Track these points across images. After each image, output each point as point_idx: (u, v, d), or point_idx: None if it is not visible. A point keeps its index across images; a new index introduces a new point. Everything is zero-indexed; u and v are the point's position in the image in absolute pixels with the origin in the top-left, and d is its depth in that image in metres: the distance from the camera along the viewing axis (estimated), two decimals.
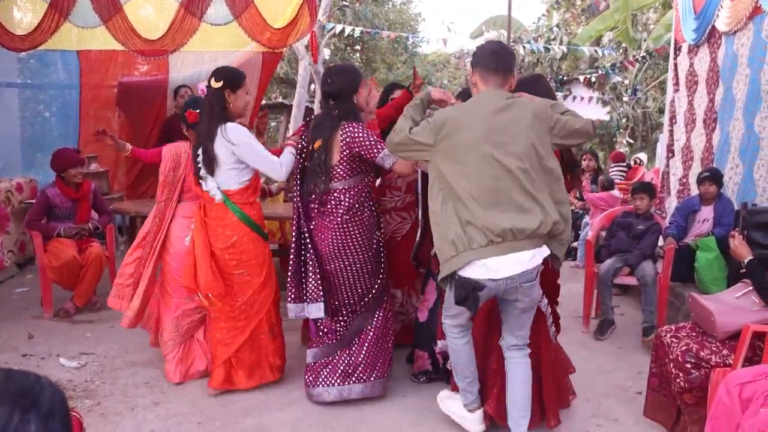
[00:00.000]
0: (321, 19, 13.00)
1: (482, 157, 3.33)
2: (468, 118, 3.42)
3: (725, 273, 5.54)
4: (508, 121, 3.38)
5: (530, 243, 3.35)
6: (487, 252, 3.32)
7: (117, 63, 8.61)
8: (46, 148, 7.82)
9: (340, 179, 4.12)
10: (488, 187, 3.32)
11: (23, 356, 5.19)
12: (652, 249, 6.10)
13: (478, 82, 3.59)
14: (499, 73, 3.53)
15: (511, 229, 3.28)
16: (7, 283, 7.24)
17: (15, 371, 1.09)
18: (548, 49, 17.50)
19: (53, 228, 6.19)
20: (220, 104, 4.20)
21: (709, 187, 6.04)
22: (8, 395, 1.03)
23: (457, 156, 3.38)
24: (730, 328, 3.65)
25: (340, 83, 4.17)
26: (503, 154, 3.32)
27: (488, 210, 3.31)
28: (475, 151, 3.34)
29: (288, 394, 4.54)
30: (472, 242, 3.32)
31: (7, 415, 1.01)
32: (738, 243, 3.88)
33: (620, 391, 4.69)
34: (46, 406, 1.06)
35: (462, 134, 3.39)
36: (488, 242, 3.30)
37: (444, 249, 3.42)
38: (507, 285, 3.39)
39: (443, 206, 3.41)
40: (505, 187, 3.32)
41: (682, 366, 3.62)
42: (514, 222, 3.29)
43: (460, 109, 3.52)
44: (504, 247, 3.32)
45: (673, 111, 8.44)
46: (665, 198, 8.42)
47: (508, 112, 3.41)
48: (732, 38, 6.71)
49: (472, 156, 3.35)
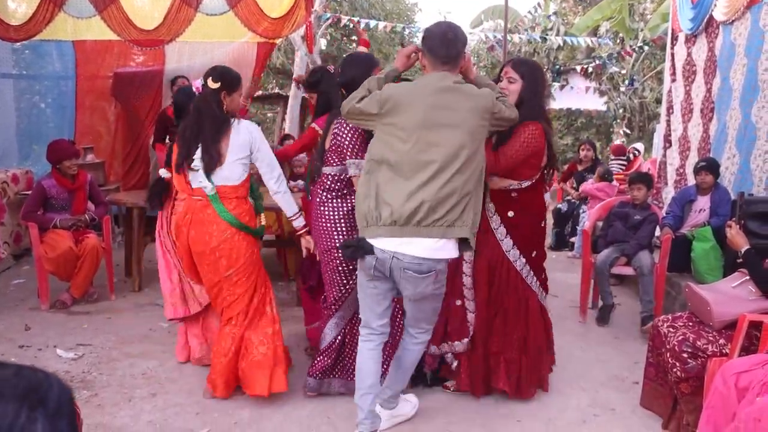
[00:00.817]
0: (317, 8, 12.97)
1: (416, 141, 3.31)
2: (411, 97, 3.36)
3: (721, 263, 5.54)
4: (448, 102, 3.35)
5: (435, 232, 3.31)
6: (390, 231, 3.31)
7: (113, 53, 8.60)
8: (42, 139, 7.80)
9: (330, 165, 4.11)
10: (409, 167, 3.31)
11: (20, 347, 5.18)
12: (649, 239, 6.10)
13: (427, 65, 3.53)
14: (449, 62, 3.47)
15: (417, 213, 3.27)
16: (3, 274, 7.24)
17: (25, 367, 1.08)
18: (545, 39, 17.47)
19: (49, 219, 6.18)
20: (218, 105, 4.14)
21: (705, 177, 6.04)
22: (17, 392, 1.03)
23: (394, 133, 3.36)
24: (727, 317, 3.66)
25: (352, 73, 4.14)
26: (435, 137, 3.31)
27: (402, 188, 3.29)
28: (411, 134, 3.32)
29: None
30: (378, 219, 3.32)
31: (14, 413, 1.00)
32: (735, 233, 3.89)
33: (617, 380, 4.70)
34: (54, 404, 1.05)
35: (402, 115, 3.35)
36: (392, 222, 3.30)
37: (358, 218, 3.44)
38: (392, 263, 3.36)
39: (365, 176, 3.43)
40: (425, 169, 3.29)
41: (679, 355, 3.63)
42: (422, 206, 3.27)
43: (406, 87, 3.46)
44: (406, 231, 3.29)
45: (670, 101, 8.43)
46: (662, 188, 8.42)
47: (451, 95, 3.37)
48: (729, 28, 6.69)
49: (407, 137, 3.32)
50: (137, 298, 6.39)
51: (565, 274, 7.67)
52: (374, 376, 3.72)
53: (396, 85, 3.56)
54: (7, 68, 8.65)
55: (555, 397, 4.40)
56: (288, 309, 5.97)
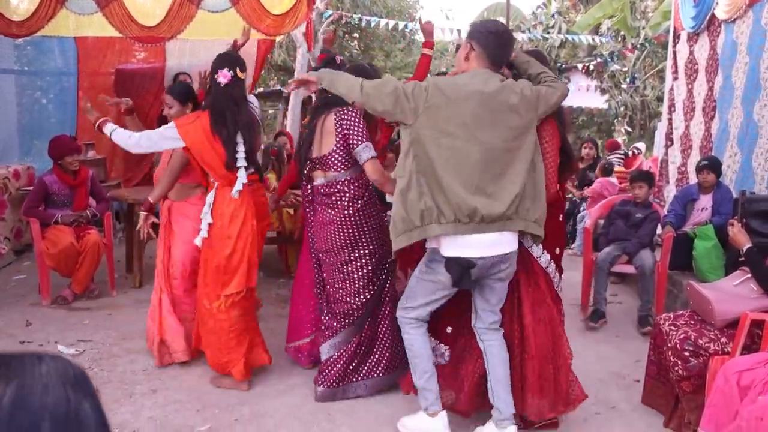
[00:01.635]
0: (319, 6, 12.96)
1: (468, 136, 3.27)
2: (462, 91, 3.32)
3: (723, 261, 5.53)
4: (499, 104, 3.33)
5: (498, 226, 3.31)
6: (454, 229, 3.28)
7: (114, 50, 8.60)
8: (44, 135, 7.79)
9: (342, 169, 4.06)
10: (467, 166, 3.27)
11: (21, 343, 5.18)
12: (651, 237, 6.10)
13: (473, 59, 3.47)
14: (501, 64, 3.51)
15: (480, 212, 3.24)
16: (4, 270, 7.24)
17: (45, 354, 1.06)
18: (546, 39, 17.46)
19: (51, 215, 6.18)
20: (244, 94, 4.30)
21: (707, 175, 6.04)
22: (54, 376, 1.02)
23: (443, 127, 3.29)
24: (729, 315, 3.65)
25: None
26: (488, 137, 3.29)
27: (462, 188, 3.25)
28: (462, 128, 3.28)
29: (285, 380, 4.55)
30: (440, 217, 3.27)
31: (63, 394, 1.00)
32: (737, 231, 3.88)
33: (618, 378, 4.70)
34: (82, 380, 1.05)
35: (451, 107, 3.30)
36: (455, 220, 3.26)
37: (408, 219, 3.33)
38: (493, 261, 3.37)
39: (415, 176, 3.31)
40: (481, 168, 3.28)
41: (681, 354, 3.63)
42: (483, 205, 3.25)
43: (455, 80, 3.42)
44: (470, 228, 3.28)
45: (671, 99, 8.43)
46: (664, 186, 8.42)
47: (501, 95, 3.34)
48: (731, 26, 6.69)
49: (458, 131, 3.28)
50: (138, 294, 6.38)
51: (566, 272, 7.59)
52: (432, 357, 3.74)
53: (441, 78, 3.54)
54: (9, 64, 8.65)
55: None
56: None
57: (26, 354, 1.04)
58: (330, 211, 4.10)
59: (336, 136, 4.00)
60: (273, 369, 4.70)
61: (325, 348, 4.30)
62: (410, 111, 3.32)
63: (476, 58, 3.45)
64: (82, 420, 1.00)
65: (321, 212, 4.15)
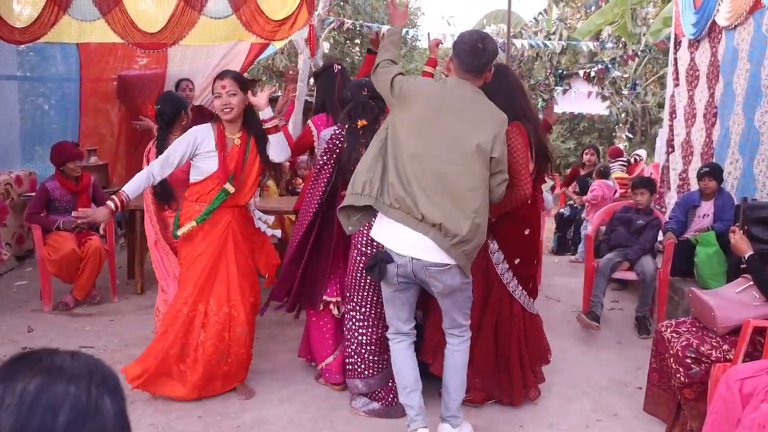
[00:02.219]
0: (320, 12, 12.97)
1: (418, 133, 3.42)
2: (433, 89, 3.57)
3: (725, 268, 5.53)
4: (473, 109, 3.48)
5: (433, 232, 3.33)
6: (386, 210, 3.39)
7: (116, 56, 8.60)
8: (46, 141, 7.80)
9: None
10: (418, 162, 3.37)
11: (23, 349, 5.13)
12: (652, 244, 6.10)
13: (452, 69, 3.61)
14: (473, 72, 3.53)
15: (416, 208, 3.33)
16: (6, 276, 7.23)
17: (77, 352, 1.16)
18: (546, 45, 17.46)
19: (53, 221, 6.18)
20: None
21: (708, 182, 6.03)
22: (82, 371, 1.11)
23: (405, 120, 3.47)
24: (731, 323, 3.65)
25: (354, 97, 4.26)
26: (450, 140, 3.39)
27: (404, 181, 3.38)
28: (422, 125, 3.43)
29: (286, 387, 4.54)
30: (380, 194, 3.42)
31: (87, 391, 1.08)
32: (738, 238, 3.88)
33: (620, 385, 4.69)
34: (112, 382, 1.14)
35: (422, 100, 3.49)
36: (389, 205, 3.38)
37: (354, 186, 3.48)
38: (414, 266, 3.40)
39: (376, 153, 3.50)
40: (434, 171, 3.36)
41: (683, 361, 3.62)
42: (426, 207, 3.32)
43: (430, 83, 3.69)
44: (400, 216, 3.36)
45: (673, 106, 8.44)
46: (665, 193, 8.42)
47: (475, 104, 3.50)
48: (732, 33, 6.70)
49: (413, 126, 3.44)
50: (140, 301, 6.38)
51: (567, 278, 7.68)
52: (415, 372, 3.75)
53: (420, 79, 3.80)
54: (12, 70, 8.65)
55: (557, 402, 4.40)
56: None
57: (61, 351, 1.14)
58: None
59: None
60: (275, 376, 4.70)
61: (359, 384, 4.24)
62: (391, 99, 3.60)
63: (453, 69, 3.60)
64: (101, 412, 1.09)
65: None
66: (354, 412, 4.21)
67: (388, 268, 3.46)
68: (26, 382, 1.06)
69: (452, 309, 3.66)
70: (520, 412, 4.23)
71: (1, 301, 6.40)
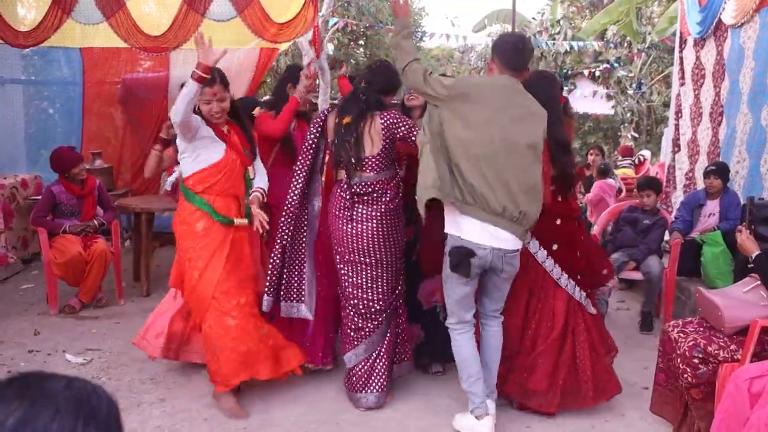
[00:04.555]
0: (324, 13, 12.96)
1: (493, 131, 3.57)
2: (488, 90, 3.68)
3: (731, 267, 5.50)
4: (526, 105, 3.70)
5: (510, 225, 3.62)
6: (462, 207, 3.60)
7: (120, 59, 8.62)
8: (50, 145, 7.80)
9: (378, 170, 4.17)
10: (490, 159, 3.56)
11: (29, 352, 5.18)
12: (658, 244, 6.09)
13: (495, 69, 3.79)
14: (518, 69, 3.74)
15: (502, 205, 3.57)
16: (12, 279, 7.24)
17: (74, 379, 1.10)
18: (550, 44, 17.45)
19: (59, 225, 6.19)
20: None
21: (714, 180, 6.01)
22: (71, 405, 1.04)
23: (468, 118, 3.60)
24: (738, 322, 3.61)
25: (383, 80, 4.30)
26: (514, 134, 3.60)
27: (480, 179, 3.56)
28: (487, 123, 3.58)
29: (293, 389, 4.52)
30: (453, 191, 3.60)
31: (71, 426, 1.02)
32: (745, 238, 3.85)
33: (627, 386, 4.63)
34: (104, 416, 1.07)
35: (483, 98, 3.63)
36: (464, 201, 3.59)
37: (421, 192, 3.61)
38: (493, 255, 3.65)
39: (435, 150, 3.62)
40: (505, 166, 3.58)
41: (690, 361, 3.60)
42: (504, 200, 3.57)
43: (480, 80, 3.97)
44: (477, 211, 3.59)
45: (678, 105, 8.40)
46: (671, 192, 8.39)
47: (527, 101, 3.72)
48: (738, 31, 6.67)
49: (483, 124, 3.58)
50: (145, 303, 6.37)
51: None
52: (479, 361, 3.91)
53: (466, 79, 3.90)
54: (16, 74, 8.68)
55: None
56: None
57: (54, 376, 1.07)
58: (368, 208, 4.18)
59: (383, 139, 4.14)
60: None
61: (352, 356, 4.33)
62: (438, 98, 3.65)
63: (497, 68, 3.78)
64: None
65: (358, 211, 4.19)
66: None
67: (472, 262, 3.63)
68: (8, 413, 1.00)
69: (504, 292, 3.95)
70: (527, 412, 4.21)
71: (8, 304, 6.40)
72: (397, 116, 4.16)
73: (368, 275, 4.23)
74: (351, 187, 4.15)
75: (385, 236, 4.21)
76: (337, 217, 4.22)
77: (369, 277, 4.23)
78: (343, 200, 4.19)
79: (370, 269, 4.22)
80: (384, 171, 4.19)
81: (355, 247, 4.20)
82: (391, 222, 4.23)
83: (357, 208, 4.18)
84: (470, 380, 3.86)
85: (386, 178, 4.20)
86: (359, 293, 4.25)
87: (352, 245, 4.20)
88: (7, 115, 8.44)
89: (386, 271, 4.26)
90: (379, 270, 4.23)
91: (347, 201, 4.18)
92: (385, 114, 4.14)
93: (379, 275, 4.24)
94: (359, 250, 4.20)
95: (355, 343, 4.30)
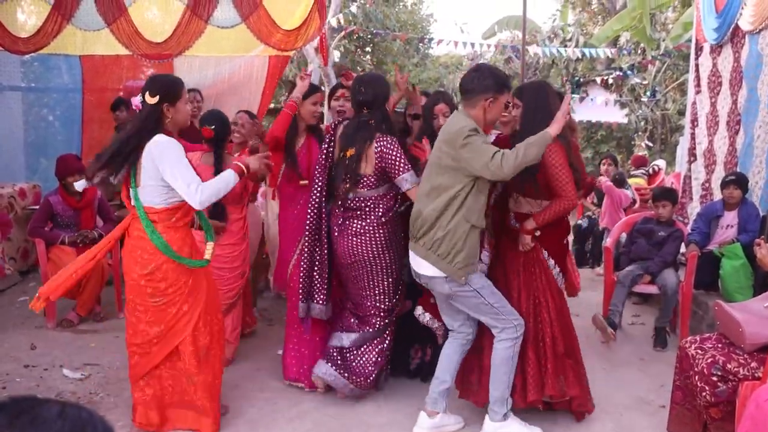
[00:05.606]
0: (331, 20, 12.91)
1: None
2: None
3: (752, 281, 5.40)
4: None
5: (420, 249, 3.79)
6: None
7: (121, 66, 8.53)
8: (50, 153, 7.78)
9: (372, 187, 4.27)
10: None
11: (26, 367, 5.10)
12: (674, 256, 5.98)
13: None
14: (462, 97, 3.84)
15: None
16: (9, 291, 7.13)
17: (68, 405, 1.05)
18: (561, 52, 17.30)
19: (57, 236, 6.13)
20: (154, 120, 3.76)
21: (733, 191, 5.89)
22: None
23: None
24: (760, 339, 3.51)
25: (374, 92, 4.28)
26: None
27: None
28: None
29: (297, 406, 4.49)
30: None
31: None
32: (765, 252, 3.71)
33: (643, 404, 4.58)
34: None
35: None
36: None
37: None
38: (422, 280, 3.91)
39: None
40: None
41: (708, 379, 3.50)
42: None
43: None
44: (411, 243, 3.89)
45: (694, 113, 8.26)
46: (687, 203, 8.23)
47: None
48: (756, 37, 6.54)
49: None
50: None
51: (587, 292, 7.45)
52: (445, 366, 4.06)
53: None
54: (16, 81, 8.65)
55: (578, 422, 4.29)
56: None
57: (47, 402, 1.03)
58: (361, 222, 4.29)
59: (375, 163, 4.20)
60: (284, 395, 4.65)
61: (341, 337, 4.50)
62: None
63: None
64: None
65: (350, 225, 4.31)
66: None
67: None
68: None
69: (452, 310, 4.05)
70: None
71: (4, 317, 6.30)
72: (389, 146, 4.19)
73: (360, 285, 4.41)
74: (345, 202, 4.30)
75: (378, 250, 4.30)
76: (332, 230, 4.38)
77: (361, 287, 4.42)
78: (337, 215, 4.37)
79: (360, 281, 4.40)
80: (377, 188, 4.28)
81: (344, 262, 4.38)
82: (384, 235, 4.31)
83: (349, 222, 4.31)
84: (436, 381, 4.07)
85: (379, 194, 4.29)
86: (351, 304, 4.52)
87: (342, 259, 4.39)
88: (6, 123, 8.40)
89: (377, 286, 4.40)
90: (370, 282, 4.38)
91: (340, 216, 4.35)
92: (381, 139, 4.21)
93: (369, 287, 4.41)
94: (348, 265, 4.37)
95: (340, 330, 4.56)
